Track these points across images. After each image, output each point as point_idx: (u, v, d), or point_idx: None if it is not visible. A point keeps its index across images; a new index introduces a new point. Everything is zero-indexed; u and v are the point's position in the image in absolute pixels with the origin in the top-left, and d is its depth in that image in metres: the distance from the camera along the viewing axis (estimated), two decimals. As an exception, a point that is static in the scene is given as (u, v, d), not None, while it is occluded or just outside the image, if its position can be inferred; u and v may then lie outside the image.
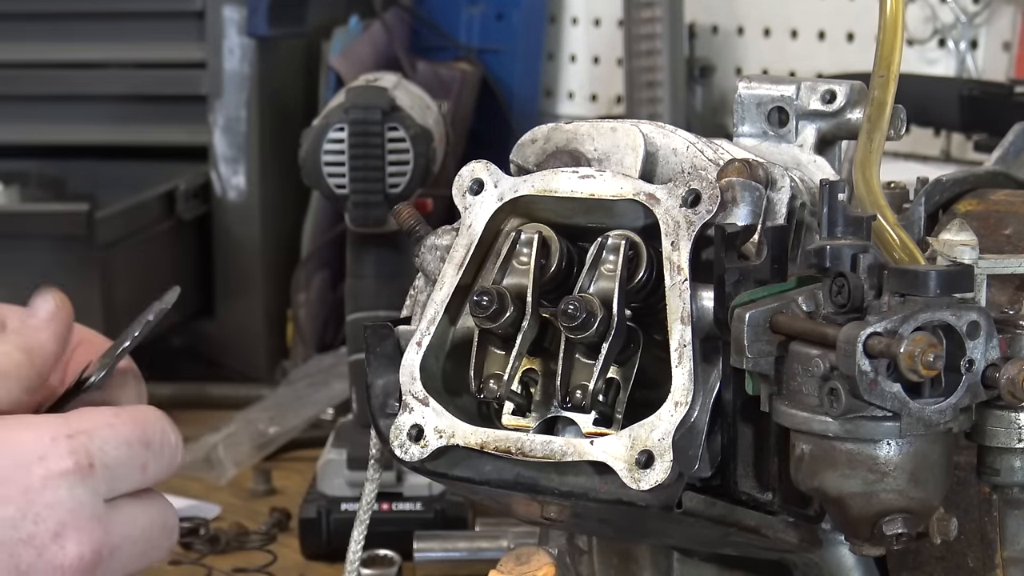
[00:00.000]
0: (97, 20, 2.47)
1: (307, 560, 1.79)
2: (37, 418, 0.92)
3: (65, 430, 0.90)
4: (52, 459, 0.89)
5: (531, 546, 1.11)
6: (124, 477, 0.92)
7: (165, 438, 0.94)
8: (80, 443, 0.90)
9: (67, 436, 0.89)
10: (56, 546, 0.88)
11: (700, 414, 0.95)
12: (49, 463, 0.88)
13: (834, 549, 1.03)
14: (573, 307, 0.96)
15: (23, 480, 0.88)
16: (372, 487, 1.21)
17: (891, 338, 0.87)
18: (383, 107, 1.74)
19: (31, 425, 0.90)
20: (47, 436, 0.89)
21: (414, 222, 1.07)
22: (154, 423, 0.94)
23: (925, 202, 1.10)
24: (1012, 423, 0.94)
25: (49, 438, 0.89)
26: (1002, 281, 1.01)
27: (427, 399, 1.00)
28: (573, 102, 2.69)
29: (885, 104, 1.01)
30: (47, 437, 0.89)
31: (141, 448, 0.92)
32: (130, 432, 0.92)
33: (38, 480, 0.88)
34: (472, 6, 2.66)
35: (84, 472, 0.89)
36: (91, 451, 0.90)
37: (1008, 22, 2.18)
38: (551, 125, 1.07)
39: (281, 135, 2.41)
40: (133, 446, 0.92)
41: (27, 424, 0.91)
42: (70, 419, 0.91)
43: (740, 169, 0.99)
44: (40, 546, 0.88)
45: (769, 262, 0.95)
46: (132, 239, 2.25)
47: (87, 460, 0.89)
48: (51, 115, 2.50)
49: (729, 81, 2.47)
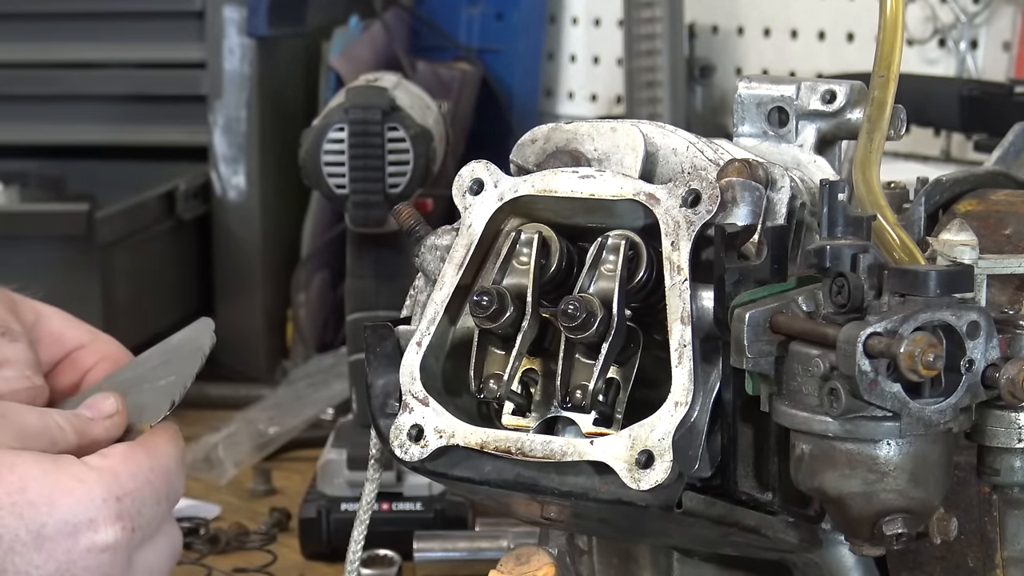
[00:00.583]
0: (97, 20, 2.47)
1: (307, 560, 1.79)
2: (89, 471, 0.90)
3: (116, 490, 0.90)
4: (100, 526, 0.89)
5: (531, 546, 1.11)
6: (151, 530, 0.93)
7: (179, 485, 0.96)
8: (126, 507, 0.90)
9: (117, 499, 0.90)
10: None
11: (700, 414, 0.95)
12: (97, 531, 0.89)
13: (834, 549, 1.03)
14: (573, 307, 0.96)
15: (68, 542, 0.88)
16: (372, 487, 1.21)
17: (891, 338, 0.87)
18: (383, 107, 1.74)
19: (84, 479, 0.90)
20: (99, 497, 0.89)
21: (414, 222, 1.07)
22: (174, 472, 0.95)
23: (925, 202, 1.10)
24: (1012, 423, 0.94)
25: (101, 499, 0.89)
26: (1002, 281, 1.01)
27: (427, 399, 1.00)
28: (573, 102, 2.69)
29: (885, 104, 1.01)
30: (99, 498, 0.89)
31: (165, 502, 0.94)
32: (160, 488, 0.93)
33: (84, 545, 0.88)
34: (472, 6, 2.66)
35: (128, 539, 0.90)
36: (133, 515, 0.91)
37: (1008, 22, 2.18)
38: (551, 125, 1.07)
39: (281, 135, 2.41)
40: (162, 502, 0.93)
41: (80, 476, 0.90)
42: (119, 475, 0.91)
43: (740, 169, 0.99)
44: None
45: (769, 262, 0.95)
46: (132, 239, 2.25)
47: (131, 524, 0.90)
48: (51, 115, 2.50)
49: (729, 81, 2.47)
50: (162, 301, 2.38)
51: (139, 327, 2.28)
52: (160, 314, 2.36)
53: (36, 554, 0.87)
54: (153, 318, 2.33)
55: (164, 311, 2.37)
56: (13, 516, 0.86)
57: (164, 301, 2.39)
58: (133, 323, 2.25)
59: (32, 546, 0.87)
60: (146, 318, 2.31)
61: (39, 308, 1.04)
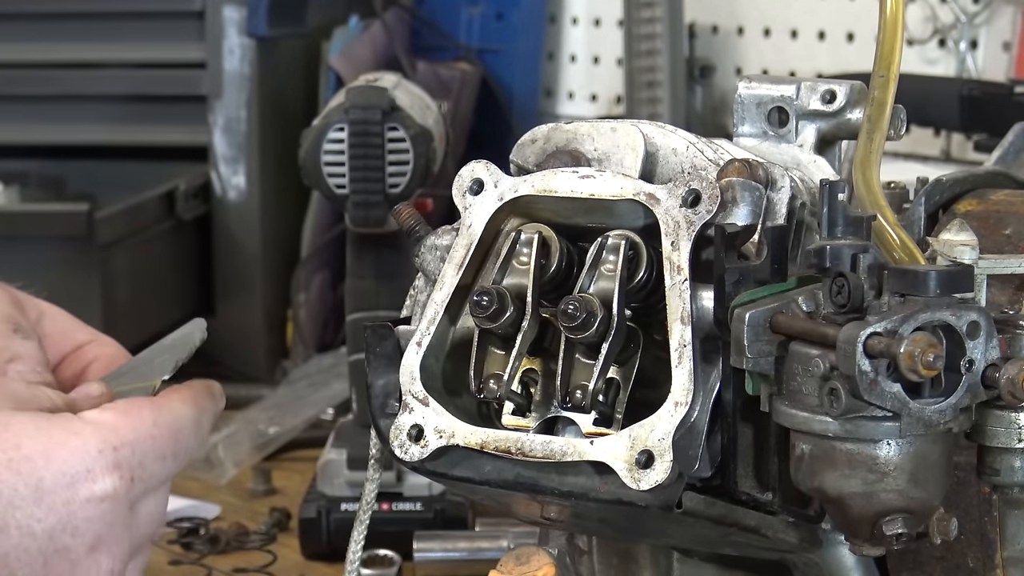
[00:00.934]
0: (97, 20, 2.47)
1: (307, 560, 1.79)
2: (84, 424, 0.90)
3: (113, 440, 0.90)
4: (98, 476, 0.89)
5: (531, 546, 1.11)
6: (153, 485, 0.93)
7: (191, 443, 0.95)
8: (124, 457, 0.90)
9: (114, 448, 0.90)
10: (90, 559, 0.89)
11: (700, 414, 0.95)
12: (95, 481, 0.89)
13: (834, 549, 1.03)
14: (573, 307, 0.96)
15: (66, 493, 0.88)
16: (372, 487, 1.21)
17: (891, 338, 0.87)
18: (383, 107, 1.74)
19: (79, 432, 0.90)
20: (95, 447, 0.89)
21: (414, 222, 1.07)
22: (186, 431, 0.95)
23: (925, 202, 1.10)
24: (1012, 423, 0.94)
25: (96, 450, 0.89)
26: (1002, 281, 1.01)
27: (427, 399, 1.00)
28: (573, 102, 2.69)
29: (885, 104, 1.01)
30: (95, 448, 0.89)
31: (171, 460, 0.94)
32: (166, 445, 0.93)
33: (83, 495, 0.88)
34: (472, 6, 2.66)
35: (126, 489, 0.90)
36: (132, 465, 0.90)
37: (1008, 22, 2.18)
38: (551, 125, 1.07)
39: (281, 135, 2.41)
40: (166, 459, 0.93)
41: (75, 430, 0.90)
42: (118, 427, 0.91)
43: (740, 169, 0.99)
44: (75, 560, 0.89)
45: (769, 262, 0.95)
46: (132, 239, 2.25)
47: (129, 475, 0.90)
48: (51, 115, 2.50)
49: (729, 81, 2.47)
50: (162, 301, 2.38)
51: (139, 327, 2.28)
52: (160, 314, 2.36)
53: (36, 508, 0.87)
54: (153, 318, 2.33)
55: (164, 311, 2.37)
56: (10, 472, 0.87)
57: (164, 301, 2.39)
58: (133, 323, 2.25)
59: (32, 500, 0.87)
60: (146, 318, 2.31)
61: (42, 306, 1.05)
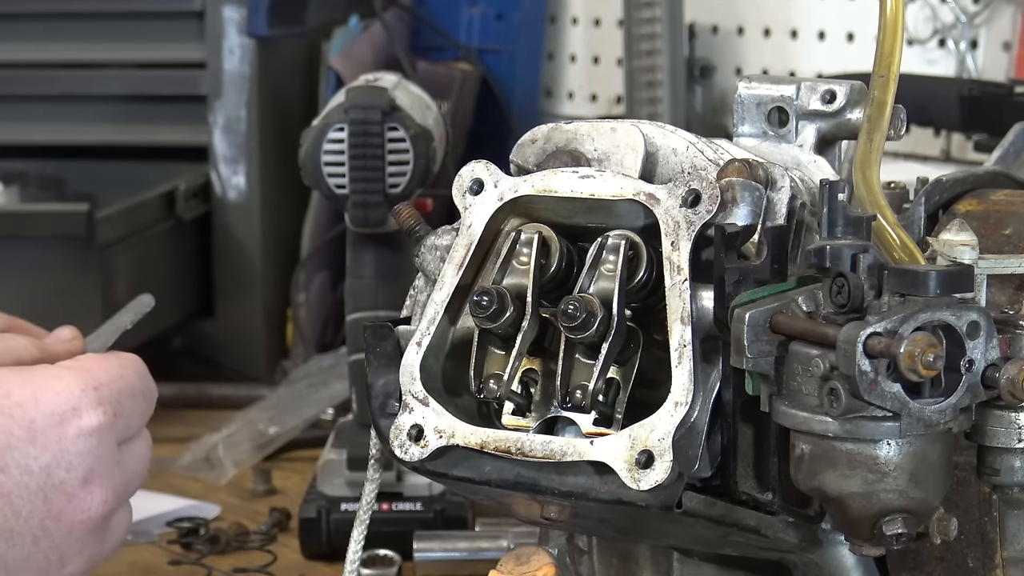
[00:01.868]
0: (97, 20, 2.47)
1: (307, 560, 1.79)
2: (64, 370, 0.98)
3: (92, 381, 0.98)
4: (84, 412, 0.97)
5: (531, 546, 1.11)
6: (133, 424, 1.01)
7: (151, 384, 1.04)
8: (104, 395, 0.98)
9: (94, 388, 0.98)
10: (85, 492, 0.97)
11: (700, 414, 0.95)
12: (82, 417, 0.97)
13: (834, 549, 1.03)
14: (573, 307, 0.96)
15: (57, 431, 0.96)
16: (372, 487, 1.21)
17: (891, 338, 0.87)
18: (383, 107, 1.74)
19: (60, 376, 0.97)
20: (77, 388, 0.97)
21: (414, 222, 1.07)
22: (144, 371, 1.03)
23: (925, 202, 1.10)
24: (1012, 423, 0.94)
25: (79, 390, 0.97)
26: (1002, 281, 1.01)
27: (427, 399, 1.00)
28: (573, 102, 2.69)
29: (885, 104, 1.01)
30: (77, 389, 0.97)
31: (141, 398, 1.02)
32: (135, 383, 1.01)
33: (72, 431, 0.96)
34: (472, 6, 2.66)
35: (111, 423, 0.98)
36: (113, 402, 0.98)
37: (1008, 22, 2.18)
38: (551, 125, 1.07)
39: (281, 135, 2.41)
40: (137, 396, 1.01)
41: (56, 375, 0.98)
42: (92, 369, 0.99)
43: (740, 169, 0.99)
44: (71, 492, 0.96)
45: (769, 262, 0.95)
46: (132, 239, 2.25)
47: (112, 410, 0.98)
48: (51, 115, 2.50)
49: (729, 81, 2.47)
50: (162, 301, 2.37)
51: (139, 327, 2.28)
52: (160, 314, 2.35)
53: (31, 447, 0.95)
54: (153, 318, 2.33)
55: (164, 311, 2.37)
56: (4, 417, 0.95)
57: (164, 301, 2.38)
58: (133, 323, 2.25)
59: (26, 440, 0.95)
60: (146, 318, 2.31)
61: None
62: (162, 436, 2.16)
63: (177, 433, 2.15)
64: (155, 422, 1.04)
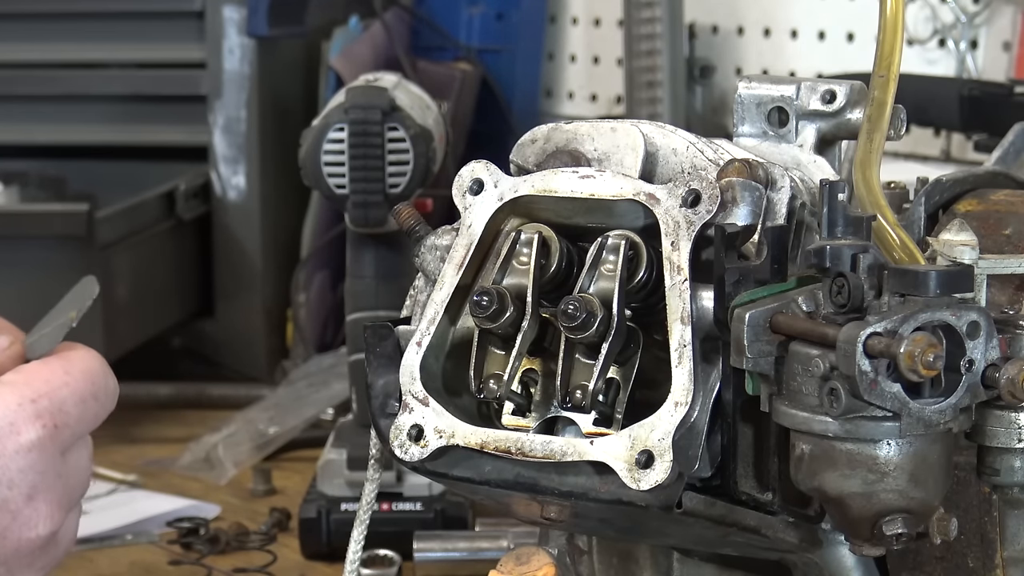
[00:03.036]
0: (97, 20, 2.47)
1: (307, 560, 1.79)
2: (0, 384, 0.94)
3: (29, 394, 0.94)
4: (22, 427, 0.93)
5: (531, 546, 1.11)
6: (79, 431, 0.97)
7: (108, 383, 0.99)
8: (44, 407, 0.94)
9: (31, 400, 0.94)
10: (30, 508, 0.93)
11: (700, 414, 0.95)
12: (20, 433, 0.93)
13: (834, 549, 1.03)
14: (573, 307, 0.96)
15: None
16: (372, 487, 1.21)
17: (891, 338, 0.87)
18: (383, 107, 1.74)
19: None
20: (13, 402, 0.93)
21: (414, 222, 1.07)
22: (100, 373, 0.98)
23: (925, 202, 1.10)
24: (1012, 423, 0.94)
25: (16, 404, 0.93)
26: (1002, 281, 1.01)
27: (427, 399, 1.00)
28: (573, 102, 2.69)
29: (885, 104, 1.01)
30: (13, 403, 0.93)
31: (92, 402, 0.97)
32: (84, 388, 0.97)
33: (11, 449, 0.92)
34: (472, 6, 2.66)
35: (51, 435, 0.94)
36: (53, 412, 0.94)
37: (1008, 22, 2.18)
38: (551, 125, 1.07)
39: (281, 135, 2.41)
40: (87, 401, 0.97)
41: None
42: (31, 381, 0.95)
43: (740, 169, 0.99)
44: (15, 510, 0.93)
45: (769, 262, 0.95)
46: (132, 239, 2.25)
47: (52, 422, 0.94)
48: (51, 115, 2.50)
49: (729, 81, 2.47)
50: (162, 301, 2.38)
51: (139, 327, 2.28)
52: (160, 314, 2.36)
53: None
54: (153, 318, 2.33)
55: (164, 311, 2.37)
56: None
57: (164, 301, 2.39)
58: (133, 323, 2.25)
59: None
60: (146, 318, 2.31)
61: None
62: (162, 436, 2.19)
63: (177, 433, 2.15)
64: (155, 422, 1.04)
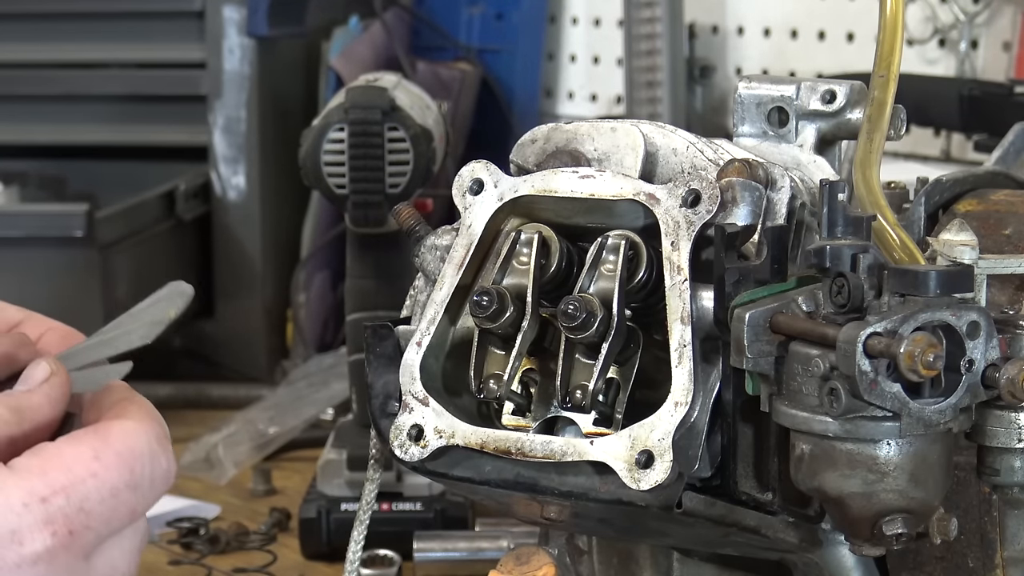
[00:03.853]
0: (97, 20, 2.47)
1: (307, 560, 1.79)
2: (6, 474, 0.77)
3: (41, 489, 0.77)
4: (27, 535, 0.76)
5: (531, 546, 1.11)
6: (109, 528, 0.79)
7: (156, 467, 0.81)
8: (57, 507, 0.77)
9: (41, 500, 0.76)
10: None
11: (700, 414, 0.95)
12: (23, 543, 0.76)
13: (834, 549, 1.03)
14: (573, 307, 0.96)
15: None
16: (372, 487, 1.21)
17: (891, 338, 0.87)
18: (383, 107, 1.74)
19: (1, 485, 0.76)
20: (18, 502, 0.76)
21: (414, 222, 1.07)
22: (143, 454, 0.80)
23: (925, 202, 1.10)
24: (1012, 423, 0.94)
25: (20, 504, 0.76)
26: (1002, 281, 1.01)
27: (427, 399, 1.00)
28: (573, 102, 2.69)
29: (885, 104, 1.01)
30: (18, 503, 0.76)
31: (129, 493, 0.79)
32: (116, 477, 0.79)
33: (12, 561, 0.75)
34: (472, 6, 2.66)
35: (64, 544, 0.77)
36: (69, 515, 0.77)
37: (1008, 22, 2.18)
38: (551, 125, 1.07)
39: (281, 135, 2.41)
40: (120, 493, 0.79)
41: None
42: (48, 469, 0.77)
43: (740, 169, 0.99)
44: None
45: (769, 262, 0.95)
46: (132, 239, 2.25)
47: (65, 528, 0.77)
48: (51, 115, 2.50)
49: (729, 81, 2.47)
50: (162, 301, 2.38)
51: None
52: (160, 314, 2.35)
53: None
54: (153, 318, 2.33)
55: (164, 311, 2.37)
56: None
57: (164, 301, 2.38)
58: (133, 323, 2.24)
59: None
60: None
61: None
62: (162, 436, 2.19)
63: (177, 433, 2.13)
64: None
